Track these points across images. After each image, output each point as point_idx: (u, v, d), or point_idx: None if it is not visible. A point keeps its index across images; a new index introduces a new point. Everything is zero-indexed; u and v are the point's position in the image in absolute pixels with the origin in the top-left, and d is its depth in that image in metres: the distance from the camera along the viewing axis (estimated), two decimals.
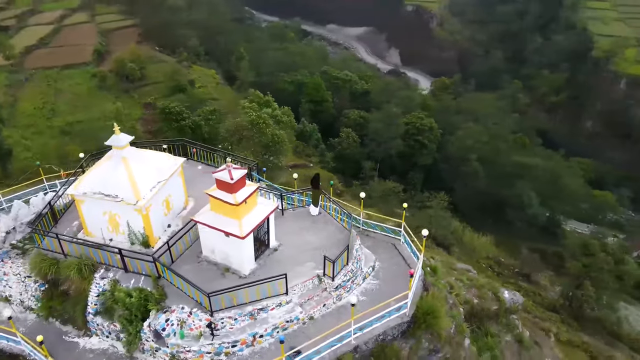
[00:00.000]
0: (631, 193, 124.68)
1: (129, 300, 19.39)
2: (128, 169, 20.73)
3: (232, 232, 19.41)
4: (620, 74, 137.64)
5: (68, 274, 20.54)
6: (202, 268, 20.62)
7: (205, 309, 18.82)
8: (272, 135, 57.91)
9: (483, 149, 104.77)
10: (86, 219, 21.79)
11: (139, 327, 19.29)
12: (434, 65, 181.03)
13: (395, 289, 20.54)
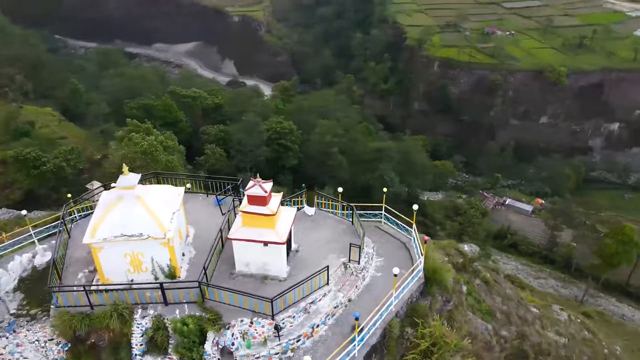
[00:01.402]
0: (463, 158, 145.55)
1: (187, 328, 19.65)
2: (146, 206, 20.80)
3: (272, 240, 20.84)
4: (432, 58, 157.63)
5: (106, 323, 20.09)
6: (240, 282, 21.47)
7: (264, 315, 20.05)
8: (166, 161, 57.18)
9: (341, 141, 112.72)
10: (104, 266, 21.03)
11: (202, 352, 19.78)
12: (270, 70, 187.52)
13: (398, 262, 23.90)
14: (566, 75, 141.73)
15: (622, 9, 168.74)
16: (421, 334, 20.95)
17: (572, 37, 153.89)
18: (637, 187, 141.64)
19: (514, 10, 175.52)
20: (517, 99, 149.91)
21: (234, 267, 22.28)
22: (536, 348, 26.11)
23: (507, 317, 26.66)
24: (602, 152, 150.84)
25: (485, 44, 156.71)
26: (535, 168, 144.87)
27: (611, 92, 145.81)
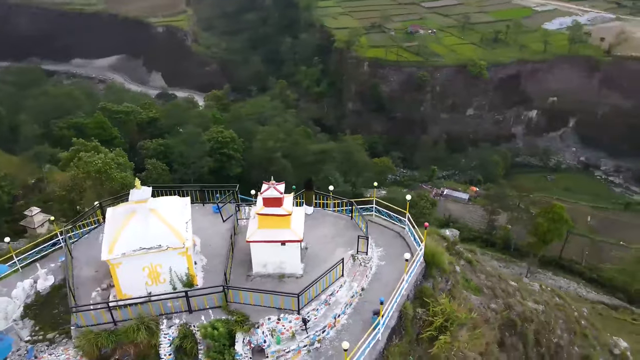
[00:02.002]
0: (400, 154, 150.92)
1: (217, 332, 20.03)
2: (161, 218, 20.95)
3: (290, 239, 21.72)
4: (361, 58, 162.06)
5: (133, 337, 20.03)
6: (257, 283, 22.12)
7: (290, 311, 20.83)
8: (121, 178, 55.83)
9: (283, 146, 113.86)
10: (122, 281, 21.03)
11: (233, 353, 20.19)
12: (200, 80, 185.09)
13: (396, 250, 25.53)
14: (486, 68, 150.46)
15: (529, 4, 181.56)
16: (433, 312, 22.55)
17: (488, 33, 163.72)
18: (557, 169, 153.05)
19: (433, 10, 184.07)
20: (444, 94, 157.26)
21: (249, 269, 22.88)
22: (521, 316, 28.56)
23: (493, 292, 28.96)
24: (524, 138, 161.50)
25: (410, 43, 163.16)
26: (467, 158, 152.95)
27: (527, 82, 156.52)
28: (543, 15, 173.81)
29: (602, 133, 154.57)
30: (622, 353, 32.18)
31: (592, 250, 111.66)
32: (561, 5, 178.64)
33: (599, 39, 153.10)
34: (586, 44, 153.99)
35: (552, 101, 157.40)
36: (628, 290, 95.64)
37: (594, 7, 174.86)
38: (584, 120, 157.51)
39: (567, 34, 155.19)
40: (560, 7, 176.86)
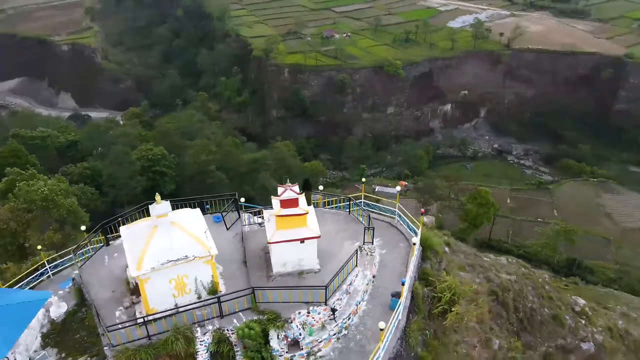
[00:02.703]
0: (329, 156, 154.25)
1: (254, 332, 20.62)
2: (183, 229, 21.24)
3: (308, 236, 22.64)
4: (281, 65, 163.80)
5: (171, 347, 19.99)
6: (279, 282, 22.86)
7: (317, 303, 21.84)
8: (68, 205, 53.62)
9: (216, 158, 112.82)
10: (149, 297, 20.96)
11: (270, 350, 20.93)
12: (115, 98, 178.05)
13: (391, 238, 27.20)
14: (402, 67, 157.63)
15: (433, 5, 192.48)
16: (440, 289, 24.46)
17: (400, 33, 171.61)
18: (474, 157, 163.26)
19: (345, 14, 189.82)
20: (365, 94, 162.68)
21: (268, 270, 23.56)
22: (500, 287, 31.34)
23: (473, 268, 31.54)
24: (442, 131, 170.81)
25: (327, 47, 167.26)
26: (392, 154, 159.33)
27: (440, 78, 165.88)
28: (447, 14, 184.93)
29: (510, 120, 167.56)
30: (581, 309, 36.08)
31: (515, 229, 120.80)
32: (461, 4, 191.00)
33: (498, 34, 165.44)
34: (488, 39, 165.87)
35: (463, 94, 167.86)
36: (551, 262, 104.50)
37: (490, 5, 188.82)
38: (493, 110, 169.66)
39: (471, 31, 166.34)
40: (461, 7, 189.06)
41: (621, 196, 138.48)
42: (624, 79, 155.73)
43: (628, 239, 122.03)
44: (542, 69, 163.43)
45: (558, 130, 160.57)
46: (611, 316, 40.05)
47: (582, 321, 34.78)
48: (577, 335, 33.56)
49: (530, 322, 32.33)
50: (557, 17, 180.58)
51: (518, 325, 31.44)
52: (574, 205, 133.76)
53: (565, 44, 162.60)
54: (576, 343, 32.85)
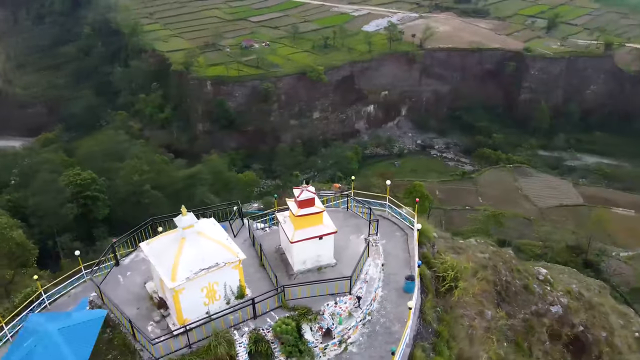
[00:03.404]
0: (260, 165, 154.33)
1: (290, 327, 21.57)
2: (210, 238, 21.80)
3: (326, 232, 23.56)
4: (202, 78, 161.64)
5: (215, 353, 20.36)
6: (301, 278, 23.82)
7: (342, 294, 22.97)
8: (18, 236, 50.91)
9: (150, 177, 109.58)
10: (184, 307, 21.17)
11: (305, 342, 21.88)
12: (23, 124, 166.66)
13: (387, 229, 28.64)
14: (324, 72, 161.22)
15: (346, 10, 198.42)
16: (443, 269, 26.38)
17: (318, 40, 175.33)
18: (401, 154, 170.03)
19: (261, 23, 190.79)
20: (290, 101, 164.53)
21: (287, 269, 24.30)
22: (480, 265, 33.99)
23: (454, 250, 33.97)
24: (367, 131, 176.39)
25: (248, 57, 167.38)
26: (322, 158, 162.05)
27: (360, 81, 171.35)
28: (360, 19, 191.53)
29: (429, 117, 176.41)
30: (544, 277, 39.73)
31: (447, 218, 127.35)
32: (373, 9, 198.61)
33: (411, 36, 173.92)
34: (402, 41, 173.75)
35: (384, 95, 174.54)
36: None
37: (400, 9, 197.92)
38: (413, 107, 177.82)
39: (385, 34, 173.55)
40: (373, 11, 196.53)
41: (535, 178, 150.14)
42: (526, 71, 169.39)
43: (545, 217, 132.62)
44: (454, 66, 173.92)
45: (473, 122, 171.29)
46: (565, 281, 44.33)
47: (547, 287, 38.30)
48: (546, 300, 36.95)
49: (507, 293, 35.22)
50: (461, 17, 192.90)
51: (497, 297, 34.18)
52: (496, 190, 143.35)
53: (472, 41, 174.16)
54: (546, 307, 36.20)
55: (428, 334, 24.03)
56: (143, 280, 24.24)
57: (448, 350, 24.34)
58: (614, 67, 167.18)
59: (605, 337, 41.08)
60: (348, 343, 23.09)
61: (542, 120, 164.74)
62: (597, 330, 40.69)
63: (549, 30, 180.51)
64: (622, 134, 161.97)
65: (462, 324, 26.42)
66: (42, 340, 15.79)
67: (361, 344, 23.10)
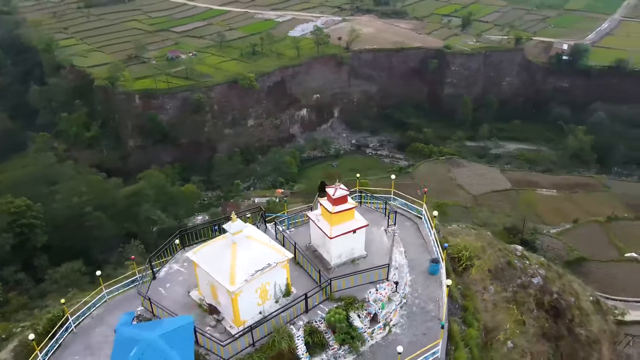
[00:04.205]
0: (199, 177, 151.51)
1: (342, 317, 22.73)
2: (259, 241, 22.79)
3: (360, 225, 24.55)
4: (130, 92, 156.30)
5: (279, 348, 21.20)
6: (337, 271, 24.77)
7: (380, 281, 24.34)
8: None
9: (90, 198, 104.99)
10: (241, 310, 21.73)
11: (355, 328, 23.05)
12: None
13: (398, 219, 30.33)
14: (255, 79, 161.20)
15: (270, 17, 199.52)
16: (457, 250, 28.29)
17: (246, 47, 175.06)
18: (337, 155, 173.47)
19: (185, 34, 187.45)
20: (223, 110, 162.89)
21: (322, 264, 25.10)
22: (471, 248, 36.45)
23: (451, 234, 36.24)
24: (302, 135, 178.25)
25: (176, 68, 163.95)
26: (261, 165, 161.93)
27: (292, 85, 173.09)
28: (285, 24, 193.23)
29: (361, 116, 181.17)
30: (521, 253, 43.08)
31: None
32: (296, 14, 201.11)
33: (337, 39, 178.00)
34: (329, 44, 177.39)
35: (316, 98, 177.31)
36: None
37: (323, 13, 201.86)
38: (344, 108, 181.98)
39: (312, 38, 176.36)
40: (297, 16, 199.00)
41: (466, 168, 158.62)
42: (447, 68, 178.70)
43: (479, 203, 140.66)
44: (380, 66, 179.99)
45: (403, 119, 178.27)
46: (534, 255, 48.14)
47: (526, 262, 41.52)
48: (527, 273, 40.10)
49: (495, 270, 37.92)
50: (382, 18, 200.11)
51: (489, 274, 36.82)
52: (432, 182, 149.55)
53: (395, 42, 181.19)
54: (529, 279, 39.35)
55: (456, 310, 25.83)
56: (184, 290, 24.27)
57: (476, 322, 26.31)
58: (524, 60, 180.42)
59: (574, 301, 45.11)
60: (391, 325, 24.54)
61: (466, 112, 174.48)
62: (567, 296, 44.57)
63: (464, 28, 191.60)
64: (536, 121, 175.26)
65: (481, 298, 28.51)
66: (148, 348, 15.96)
67: (402, 325, 24.58)
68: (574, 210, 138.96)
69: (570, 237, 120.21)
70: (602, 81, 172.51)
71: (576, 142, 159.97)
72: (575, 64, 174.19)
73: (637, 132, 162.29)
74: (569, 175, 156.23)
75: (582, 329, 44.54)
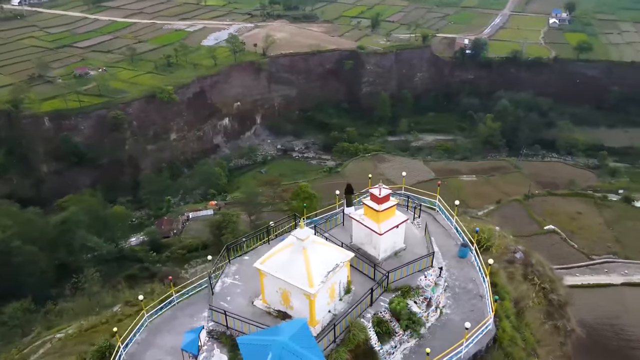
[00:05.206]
0: (128, 196, 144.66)
1: (404, 304, 24.30)
2: (324, 244, 23.81)
3: (402, 220, 26.16)
4: (39, 114, 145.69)
5: (359, 339, 22.30)
6: (385, 265, 25.97)
7: (427, 268, 25.89)
8: None
9: (16, 232, 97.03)
10: (317, 311, 22.15)
11: (415, 313, 24.48)
12: None
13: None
14: (174, 92, 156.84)
15: (180, 27, 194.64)
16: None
17: (159, 59, 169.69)
18: (265, 161, 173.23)
19: (90, 49, 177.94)
20: (143, 126, 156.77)
21: (370, 260, 25.99)
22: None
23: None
24: (227, 145, 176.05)
25: (87, 86, 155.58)
26: (190, 178, 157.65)
27: (212, 95, 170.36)
28: (197, 34, 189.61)
29: (283, 121, 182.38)
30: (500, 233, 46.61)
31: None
32: (207, 23, 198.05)
33: (253, 45, 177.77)
34: (245, 51, 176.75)
35: (237, 106, 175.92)
36: None
37: (234, 20, 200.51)
38: (267, 114, 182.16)
39: (228, 46, 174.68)
40: (207, 25, 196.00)
41: (391, 162, 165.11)
42: (362, 67, 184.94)
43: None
44: (298, 70, 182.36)
45: (325, 120, 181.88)
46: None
47: (505, 239, 44.98)
48: (510, 249, 43.47)
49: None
50: (294, 23, 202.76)
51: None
52: (362, 180, 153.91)
53: (310, 45, 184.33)
54: (513, 255, 42.62)
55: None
56: (246, 300, 24.18)
57: (507, 295, 28.59)
58: (432, 56, 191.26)
59: (542, 271, 49.36)
60: (441, 307, 26.03)
61: (384, 109, 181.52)
62: (538, 266, 48.74)
63: (373, 29, 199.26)
64: (449, 112, 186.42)
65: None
66: (284, 351, 16.14)
67: (450, 306, 26.29)
68: (493, 192, 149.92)
69: (496, 217, 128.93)
70: (502, 71, 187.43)
71: (486, 129, 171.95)
72: (477, 57, 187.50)
73: (535, 116, 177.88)
74: (484, 161, 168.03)
75: (553, 294, 48.88)
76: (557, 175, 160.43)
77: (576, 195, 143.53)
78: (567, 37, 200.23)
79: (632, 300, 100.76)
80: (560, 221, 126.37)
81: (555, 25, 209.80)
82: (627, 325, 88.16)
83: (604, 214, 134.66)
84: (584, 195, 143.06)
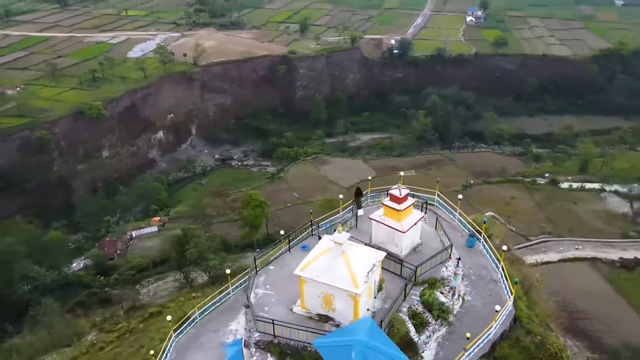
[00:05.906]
0: (64, 221, 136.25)
1: (434, 295, 25.49)
2: (359, 245, 24.59)
3: (420, 217, 27.94)
4: None
5: (401, 333, 23.12)
6: (408, 260, 26.57)
7: (447, 259, 27.35)
8: None
9: None
10: (361, 308, 22.96)
11: (444, 303, 25.69)
12: None
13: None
14: (104, 107, 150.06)
15: (101, 39, 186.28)
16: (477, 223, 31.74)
17: (84, 74, 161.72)
18: (205, 172, 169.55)
19: (4, 66, 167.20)
20: (72, 145, 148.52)
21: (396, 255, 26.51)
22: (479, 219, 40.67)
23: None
24: (163, 158, 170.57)
25: (4, 106, 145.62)
26: (127, 195, 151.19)
27: (144, 109, 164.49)
28: (121, 46, 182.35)
29: (219, 130, 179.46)
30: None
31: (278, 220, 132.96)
32: (130, 34, 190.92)
33: (182, 55, 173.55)
34: (175, 62, 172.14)
35: (170, 118, 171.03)
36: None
37: (159, 30, 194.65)
38: (201, 124, 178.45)
39: (156, 57, 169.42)
40: (131, 36, 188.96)
41: (332, 164, 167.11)
42: (295, 71, 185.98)
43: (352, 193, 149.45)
44: (231, 78, 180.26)
45: (262, 126, 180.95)
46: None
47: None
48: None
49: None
50: (222, 30, 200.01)
51: None
52: (305, 183, 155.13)
53: (241, 52, 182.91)
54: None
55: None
56: (283, 308, 24.05)
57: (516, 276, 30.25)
58: (362, 57, 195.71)
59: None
60: (462, 295, 27.03)
61: (319, 111, 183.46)
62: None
63: (302, 33, 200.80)
64: (382, 111, 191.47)
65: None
66: (366, 348, 16.48)
67: (470, 292, 27.52)
68: (433, 185, 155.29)
69: None
70: (428, 69, 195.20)
71: (419, 125, 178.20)
72: (404, 56, 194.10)
73: (463, 110, 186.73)
74: (421, 155, 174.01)
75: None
76: (488, 165, 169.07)
77: (508, 182, 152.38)
78: (484, 34, 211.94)
79: (568, 275, 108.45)
80: (497, 207, 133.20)
81: (472, 23, 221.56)
82: (567, 299, 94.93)
83: (534, 197, 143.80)
84: (515, 181, 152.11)
